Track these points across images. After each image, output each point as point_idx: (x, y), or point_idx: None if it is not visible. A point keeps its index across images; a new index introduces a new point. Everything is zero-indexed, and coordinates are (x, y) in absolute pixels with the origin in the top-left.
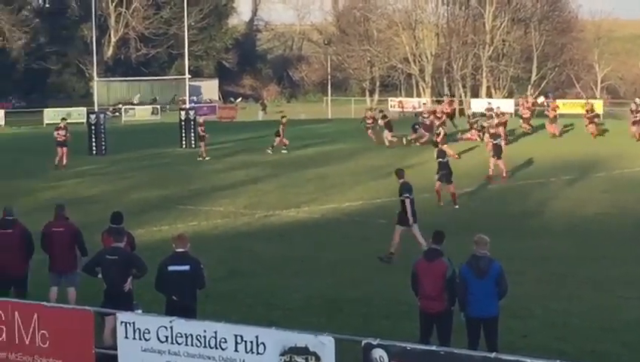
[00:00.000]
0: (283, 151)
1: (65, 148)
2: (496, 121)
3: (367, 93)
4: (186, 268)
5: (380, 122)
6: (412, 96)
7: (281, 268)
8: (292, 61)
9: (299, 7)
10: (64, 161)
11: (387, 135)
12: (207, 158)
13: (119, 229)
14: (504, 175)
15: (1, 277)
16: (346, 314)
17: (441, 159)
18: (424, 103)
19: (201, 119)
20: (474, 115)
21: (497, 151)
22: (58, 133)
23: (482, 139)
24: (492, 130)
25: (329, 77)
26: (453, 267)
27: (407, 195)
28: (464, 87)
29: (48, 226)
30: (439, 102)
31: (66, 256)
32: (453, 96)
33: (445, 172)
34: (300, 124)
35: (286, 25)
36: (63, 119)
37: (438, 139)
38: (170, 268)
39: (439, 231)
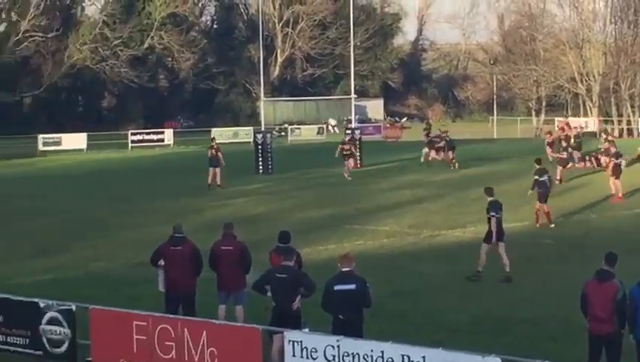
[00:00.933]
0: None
1: (217, 169)
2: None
3: (534, 112)
4: (352, 287)
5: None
6: (579, 116)
7: (448, 288)
8: (457, 80)
9: (464, 26)
10: (218, 181)
11: (446, 155)
12: (349, 178)
13: (289, 248)
14: (619, 195)
15: (171, 294)
16: (514, 334)
17: (537, 177)
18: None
19: (346, 138)
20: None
21: (617, 171)
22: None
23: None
24: (613, 150)
25: (494, 96)
26: (624, 289)
27: (494, 214)
28: (632, 106)
29: (217, 245)
30: (606, 121)
31: (235, 275)
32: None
33: (542, 191)
34: (465, 144)
35: (451, 44)
36: (213, 139)
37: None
38: (337, 287)
39: (612, 253)
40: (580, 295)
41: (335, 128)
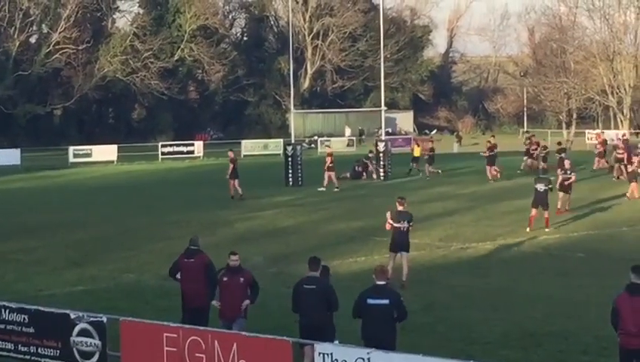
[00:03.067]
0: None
1: (234, 180)
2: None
3: (564, 125)
4: (386, 301)
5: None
6: (610, 128)
7: (478, 302)
8: (487, 93)
9: (495, 39)
10: (239, 191)
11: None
12: (336, 189)
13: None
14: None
15: (184, 306)
16: (544, 348)
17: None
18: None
19: (329, 150)
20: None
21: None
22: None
23: None
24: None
25: (525, 109)
26: None
27: (390, 222)
28: None
29: (220, 273)
30: (638, 134)
31: (236, 303)
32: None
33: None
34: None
35: (482, 57)
36: (231, 150)
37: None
38: (370, 301)
39: (639, 266)
40: (610, 308)
41: (351, 140)
